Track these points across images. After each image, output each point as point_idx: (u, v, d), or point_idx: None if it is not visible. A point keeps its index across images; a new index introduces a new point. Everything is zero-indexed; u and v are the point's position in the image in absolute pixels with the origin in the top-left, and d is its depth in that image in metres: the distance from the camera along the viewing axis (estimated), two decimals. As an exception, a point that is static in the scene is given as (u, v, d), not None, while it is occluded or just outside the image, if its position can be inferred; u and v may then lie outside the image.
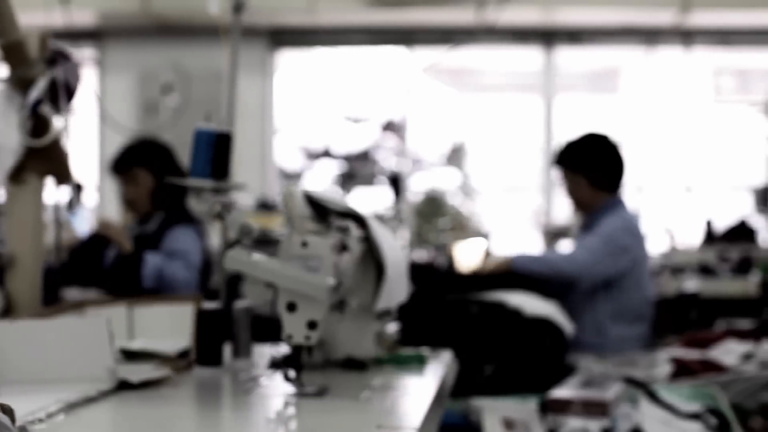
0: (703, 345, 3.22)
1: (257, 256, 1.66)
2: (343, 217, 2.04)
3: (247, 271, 1.66)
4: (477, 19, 7.10)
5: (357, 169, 9.69)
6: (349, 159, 10.23)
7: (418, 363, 2.03)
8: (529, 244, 7.04)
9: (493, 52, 8.47)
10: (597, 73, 9.36)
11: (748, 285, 4.62)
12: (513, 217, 9.17)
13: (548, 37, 7.86)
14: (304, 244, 1.69)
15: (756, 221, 4.93)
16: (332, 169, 5.91)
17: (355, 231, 1.83)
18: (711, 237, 4.83)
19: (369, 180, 9.89)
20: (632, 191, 7.03)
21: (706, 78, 8.55)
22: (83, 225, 5.08)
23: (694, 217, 8.03)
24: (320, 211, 2.02)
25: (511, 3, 6.97)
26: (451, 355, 2.24)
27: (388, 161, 9.67)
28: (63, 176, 2.28)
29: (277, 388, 1.71)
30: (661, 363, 3.02)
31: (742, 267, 4.97)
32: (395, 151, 8.83)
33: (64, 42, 2.23)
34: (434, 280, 3.06)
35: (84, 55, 7.62)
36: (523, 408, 2.28)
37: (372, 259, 2.02)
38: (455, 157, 10.51)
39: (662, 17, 7.24)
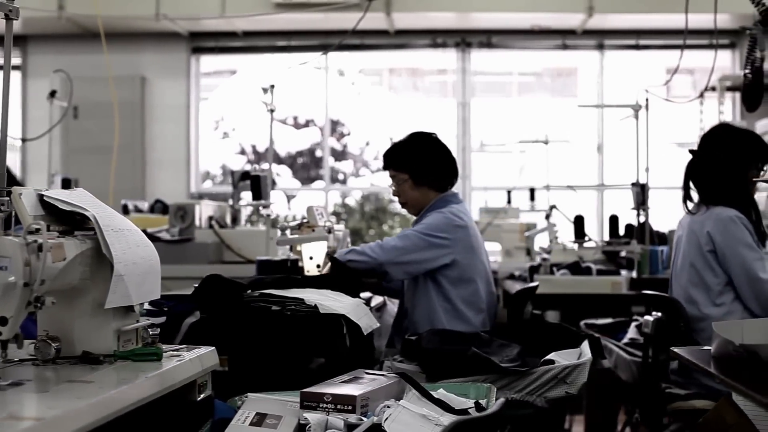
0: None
1: (-58, 256, 1.74)
2: (81, 218, 2.13)
3: (-67, 270, 1.74)
4: (388, 23, 7.19)
5: (298, 169, 9.75)
6: (290, 160, 10.32)
7: (154, 358, 2.10)
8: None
9: (419, 55, 8.55)
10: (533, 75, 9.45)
11: (619, 282, 4.69)
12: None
13: (464, 39, 7.94)
14: (-5, 245, 1.77)
15: (634, 219, 5.00)
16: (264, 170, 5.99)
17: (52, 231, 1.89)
18: (583, 234, 4.90)
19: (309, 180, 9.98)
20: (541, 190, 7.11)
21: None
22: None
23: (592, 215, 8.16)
24: (57, 212, 2.10)
25: (425, 7, 7.07)
26: (212, 351, 2.30)
27: (329, 162, 9.76)
28: None
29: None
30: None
31: (620, 264, 5.05)
32: (334, 152, 8.91)
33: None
34: (256, 278, 3.11)
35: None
36: (290, 403, 2.32)
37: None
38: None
39: (572, 20, 7.33)
